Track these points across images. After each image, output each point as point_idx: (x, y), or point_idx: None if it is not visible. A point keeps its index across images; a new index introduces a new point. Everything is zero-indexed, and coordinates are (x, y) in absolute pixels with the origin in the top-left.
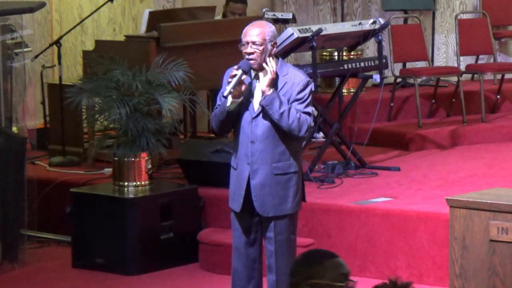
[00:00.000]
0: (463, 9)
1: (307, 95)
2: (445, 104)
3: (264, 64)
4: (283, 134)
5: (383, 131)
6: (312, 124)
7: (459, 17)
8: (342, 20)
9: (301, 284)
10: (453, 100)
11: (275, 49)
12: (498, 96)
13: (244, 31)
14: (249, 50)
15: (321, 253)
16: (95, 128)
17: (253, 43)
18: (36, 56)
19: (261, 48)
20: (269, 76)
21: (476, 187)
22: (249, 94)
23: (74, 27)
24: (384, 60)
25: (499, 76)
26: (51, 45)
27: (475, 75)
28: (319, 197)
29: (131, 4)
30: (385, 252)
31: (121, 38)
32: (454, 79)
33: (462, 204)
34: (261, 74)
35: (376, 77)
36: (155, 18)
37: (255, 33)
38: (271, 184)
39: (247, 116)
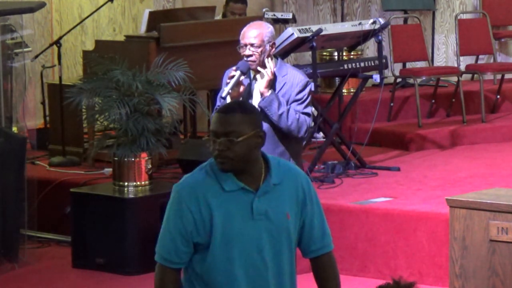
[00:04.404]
0: (463, 9)
1: (306, 96)
2: (445, 104)
3: (259, 68)
4: (283, 135)
5: (383, 131)
6: (312, 124)
7: (459, 17)
8: (342, 20)
9: None
10: (453, 100)
11: (273, 49)
12: (498, 96)
13: (242, 32)
14: (247, 52)
15: (230, 106)
16: (95, 128)
17: (251, 45)
18: (36, 56)
19: (259, 50)
20: (266, 78)
21: (476, 187)
22: (248, 95)
23: (74, 27)
24: (384, 60)
25: (499, 76)
26: (51, 45)
27: (475, 75)
28: (319, 197)
29: (131, 4)
30: (385, 252)
31: (121, 38)
32: (454, 79)
33: (462, 204)
34: (259, 76)
35: (376, 77)
36: (155, 18)
37: (253, 35)
38: None
39: None
